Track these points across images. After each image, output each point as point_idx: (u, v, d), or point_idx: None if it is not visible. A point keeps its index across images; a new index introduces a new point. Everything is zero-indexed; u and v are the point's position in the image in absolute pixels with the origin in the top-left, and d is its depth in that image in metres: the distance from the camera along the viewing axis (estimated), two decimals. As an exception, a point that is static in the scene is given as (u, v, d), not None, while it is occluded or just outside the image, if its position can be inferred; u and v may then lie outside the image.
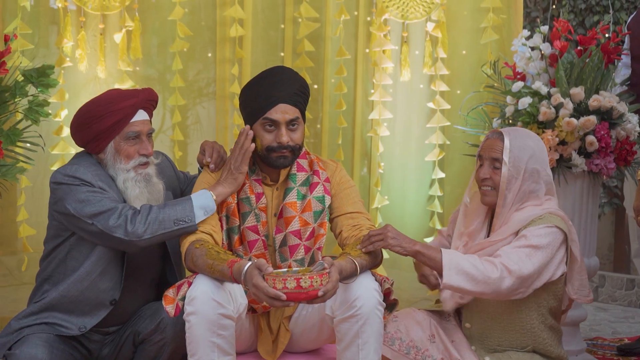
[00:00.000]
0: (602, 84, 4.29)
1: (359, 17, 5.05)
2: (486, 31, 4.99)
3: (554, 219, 3.24)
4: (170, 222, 3.15)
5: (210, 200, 3.19)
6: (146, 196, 3.29)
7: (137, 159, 3.29)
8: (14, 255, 4.80)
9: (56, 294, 3.30)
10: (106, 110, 3.26)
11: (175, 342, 3.26)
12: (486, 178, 3.33)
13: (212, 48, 4.96)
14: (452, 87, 5.11)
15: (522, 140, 3.33)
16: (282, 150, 3.20)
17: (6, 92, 4.21)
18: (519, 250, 3.17)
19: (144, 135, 3.31)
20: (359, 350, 2.99)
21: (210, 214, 3.19)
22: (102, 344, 3.42)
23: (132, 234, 3.14)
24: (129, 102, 3.28)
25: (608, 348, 4.90)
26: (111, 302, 3.32)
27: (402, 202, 5.15)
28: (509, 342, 3.33)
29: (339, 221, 3.30)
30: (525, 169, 3.29)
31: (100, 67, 4.73)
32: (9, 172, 4.20)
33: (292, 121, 3.20)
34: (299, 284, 2.76)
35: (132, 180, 3.27)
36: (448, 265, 3.10)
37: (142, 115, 3.33)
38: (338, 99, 5.01)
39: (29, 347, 3.16)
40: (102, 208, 3.17)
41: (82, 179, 3.23)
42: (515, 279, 3.11)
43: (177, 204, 3.19)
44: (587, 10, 6.78)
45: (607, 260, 6.96)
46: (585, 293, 3.38)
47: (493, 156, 3.32)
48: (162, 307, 3.23)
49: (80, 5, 4.71)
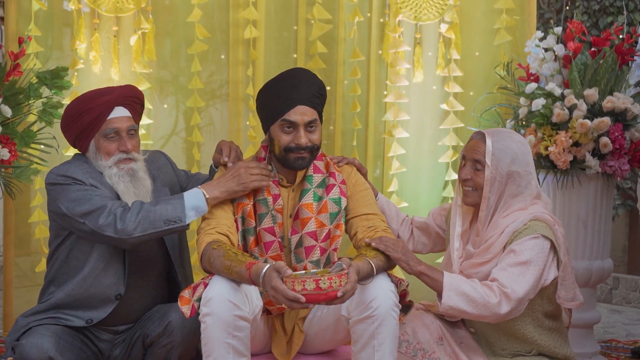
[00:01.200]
0: (616, 85, 4.28)
1: (372, 19, 5.06)
2: (499, 32, 4.98)
3: (539, 227, 3.22)
4: (161, 221, 3.16)
5: (203, 201, 3.19)
6: (132, 191, 3.30)
7: (117, 155, 3.31)
8: (28, 257, 4.82)
9: (62, 294, 3.33)
10: (83, 108, 3.30)
11: (183, 346, 3.27)
12: (467, 179, 3.32)
13: (225, 50, 4.97)
14: (465, 88, 5.10)
15: (504, 142, 3.30)
16: (300, 152, 3.21)
17: (20, 94, 4.25)
18: (511, 269, 3.16)
19: (123, 132, 3.32)
20: (375, 352, 2.99)
21: (202, 214, 3.20)
22: (112, 344, 3.43)
23: (122, 232, 3.15)
24: (104, 98, 3.31)
25: (622, 350, 4.90)
26: (116, 296, 3.34)
27: (415, 204, 5.14)
28: (512, 347, 3.33)
29: (354, 223, 3.30)
30: (507, 172, 3.27)
31: (114, 69, 4.75)
32: (23, 174, 4.24)
33: (310, 123, 3.21)
34: (318, 285, 2.76)
35: (116, 176, 3.30)
36: (448, 287, 3.12)
37: (121, 112, 3.34)
38: (352, 101, 5.02)
39: (36, 337, 3.17)
40: (92, 207, 3.19)
41: (74, 177, 3.26)
42: (513, 303, 3.11)
43: (168, 202, 3.20)
44: (601, 12, 6.76)
45: (621, 263, 6.93)
46: (570, 297, 3.33)
47: (475, 157, 3.30)
48: (170, 310, 3.26)
49: (94, 8, 4.72)
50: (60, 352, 3.17)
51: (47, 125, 4.36)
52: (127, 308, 3.39)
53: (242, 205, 3.26)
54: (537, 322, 3.31)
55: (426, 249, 3.71)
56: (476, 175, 3.30)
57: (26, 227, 4.72)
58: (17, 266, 4.74)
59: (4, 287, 4.67)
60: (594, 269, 4.38)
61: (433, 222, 3.66)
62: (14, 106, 4.18)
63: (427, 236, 3.68)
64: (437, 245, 3.69)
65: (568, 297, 3.32)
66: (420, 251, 3.69)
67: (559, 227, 3.30)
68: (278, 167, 3.31)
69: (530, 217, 3.25)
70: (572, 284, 3.34)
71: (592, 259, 4.40)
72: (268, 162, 3.32)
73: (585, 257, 4.38)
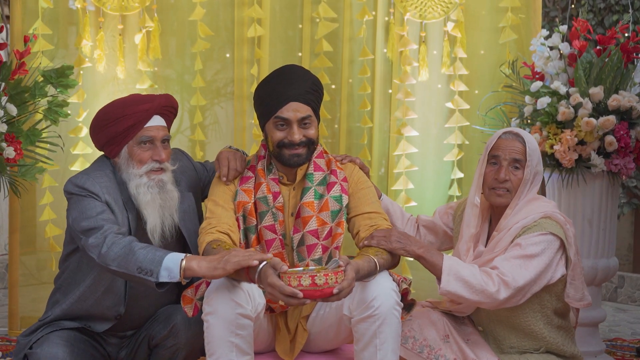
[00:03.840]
0: (622, 84, 4.27)
1: (377, 18, 5.07)
2: (505, 31, 4.98)
3: (549, 225, 3.23)
4: (135, 267, 3.01)
5: (177, 268, 2.97)
6: (159, 203, 3.26)
7: (150, 164, 3.27)
8: (33, 255, 4.85)
9: (60, 311, 3.33)
10: (121, 114, 3.26)
11: (187, 348, 3.27)
12: (507, 180, 3.30)
13: (230, 48, 4.99)
14: (471, 87, 5.10)
15: (533, 142, 3.35)
16: (295, 148, 3.21)
17: (26, 92, 4.26)
18: (514, 260, 3.17)
19: (157, 141, 3.29)
20: (377, 351, 2.99)
21: (173, 280, 3.01)
22: (119, 347, 3.44)
23: (102, 259, 3.07)
24: (144, 106, 3.28)
25: (627, 349, 4.90)
26: (116, 317, 3.34)
27: (421, 202, 5.14)
28: (520, 344, 3.34)
29: (356, 221, 3.31)
30: (535, 170, 3.32)
31: (120, 68, 4.78)
32: (28, 172, 4.25)
33: (303, 119, 3.21)
34: (313, 282, 2.77)
35: (144, 186, 3.25)
36: (447, 271, 3.12)
37: (158, 121, 3.32)
38: (361, 100, 5.03)
39: (50, 346, 3.17)
40: (91, 225, 3.14)
41: (90, 190, 3.22)
42: (512, 290, 3.12)
43: (154, 253, 3.03)
44: (607, 10, 6.75)
45: (626, 261, 6.93)
46: (578, 297, 3.33)
47: (515, 157, 3.30)
48: (175, 312, 3.26)
49: (99, 6, 4.76)
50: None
51: (52, 123, 4.38)
52: (134, 317, 3.40)
53: (242, 204, 3.26)
54: (547, 318, 3.32)
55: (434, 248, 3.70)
56: (514, 174, 3.30)
57: (32, 225, 4.75)
58: (22, 265, 4.78)
59: (10, 285, 4.70)
60: (599, 267, 4.39)
61: (440, 220, 3.66)
62: (20, 105, 4.20)
63: (434, 234, 3.68)
64: (444, 244, 3.69)
65: (577, 297, 3.33)
66: None
67: (570, 227, 3.31)
68: (278, 165, 3.31)
69: (541, 215, 3.26)
70: (581, 284, 3.34)
71: (598, 257, 4.41)
72: (268, 160, 3.33)
73: (591, 255, 4.39)
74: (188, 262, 2.96)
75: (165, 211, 3.28)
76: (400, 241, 3.16)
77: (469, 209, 3.42)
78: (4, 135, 4.07)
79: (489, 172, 3.34)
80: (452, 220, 3.62)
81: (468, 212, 3.42)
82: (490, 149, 3.36)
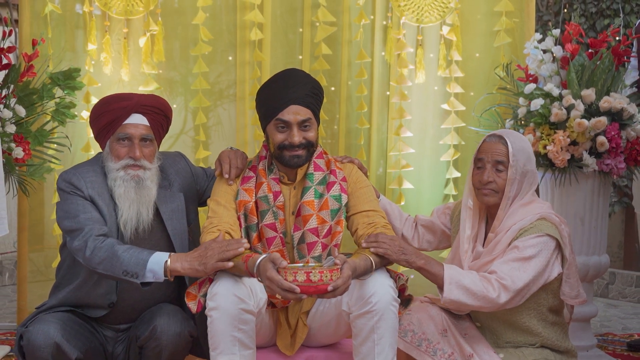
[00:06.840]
0: (613, 86, 4.29)
1: (375, 22, 5.09)
2: (499, 34, 5.00)
3: (545, 227, 3.27)
4: (120, 270, 3.14)
5: (161, 269, 3.13)
6: (131, 196, 3.32)
7: (125, 160, 3.33)
8: (41, 252, 4.89)
9: (56, 300, 3.40)
10: (102, 110, 3.36)
11: (169, 349, 3.27)
12: (490, 181, 3.34)
13: (232, 51, 5.02)
14: (466, 89, 5.13)
15: (519, 142, 3.36)
16: (295, 150, 3.25)
17: (34, 94, 4.31)
18: (512, 263, 3.20)
19: (135, 139, 3.34)
20: (375, 345, 3.05)
21: (158, 280, 3.15)
22: (115, 341, 3.49)
23: (88, 262, 3.19)
24: (122, 104, 3.35)
25: (618, 344, 4.92)
26: (109, 304, 3.40)
27: (417, 202, 5.17)
28: (517, 340, 3.38)
29: (354, 219, 3.34)
30: (523, 170, 3.34)
31: (124, 70, 4.80)
32: (36, 172, 4.31)
33: (304, 122, 3.25)
34: (308, 278, 2.81)
35: (120, 179, 3.32)
36: (449, 280, 3.15)
37: (137, 119, 3.37)
38: (359, 101, 5.06)
39: (42, 324, 3.22)
40: (74, 226, 3.24)
41: (75, 185, 3.32)
42: (511, 293, 3.16)
43: (138, 255, 3.15)
44: (598, 14, 6.75)
45: (617, 258, 6.94)
46: (574, 295, 3.37)
47: (497, 159, 3.33)
48: (156, 314, 3.30)
49: (105, 10, 4.79)
50: (66, 339, 3.21)
51: (60, 124, 4.43)
52: (127, 309, 3.44)
53: (244, 203, 3.30)
54: (541, 315, 3.35)
55: (432, 247, 3.74)
56: (498, 176, 3.33)
57: (40, 224, 4.79)
58: (31, 262, 4.81)
59: (19, 281, 4.75)
60: (591, 264, 4.40)
61: (438, 220, 3.70)
62: (28, 106, 4.25)
63: (432, 234, 3.72)
64: (442, 243, 3.73)
65: (572, 294, 3.37)
66: (426, 249, 3.72)
67: (565, 227, 3.35)
68: (279, 165, 3.35)
69: (537, 217, 3.29)
70: (576, 282, 3.38)
71: (589, 254, 4.42)
72: (269, 160, 3.37)
73: (583, 252, 4.39)
74: (172, 264, 3.12)
75: (141, 206, 3.34)
76: (404, 252, 3.19)
77: (464, 211, 3.46)
78: (13, 135, 4.13)
79: (475, 175, 3.39)
80: (449, 220, 3.66)
81: (463, 215, 3.46)
82: (476, 152, 3.41)
